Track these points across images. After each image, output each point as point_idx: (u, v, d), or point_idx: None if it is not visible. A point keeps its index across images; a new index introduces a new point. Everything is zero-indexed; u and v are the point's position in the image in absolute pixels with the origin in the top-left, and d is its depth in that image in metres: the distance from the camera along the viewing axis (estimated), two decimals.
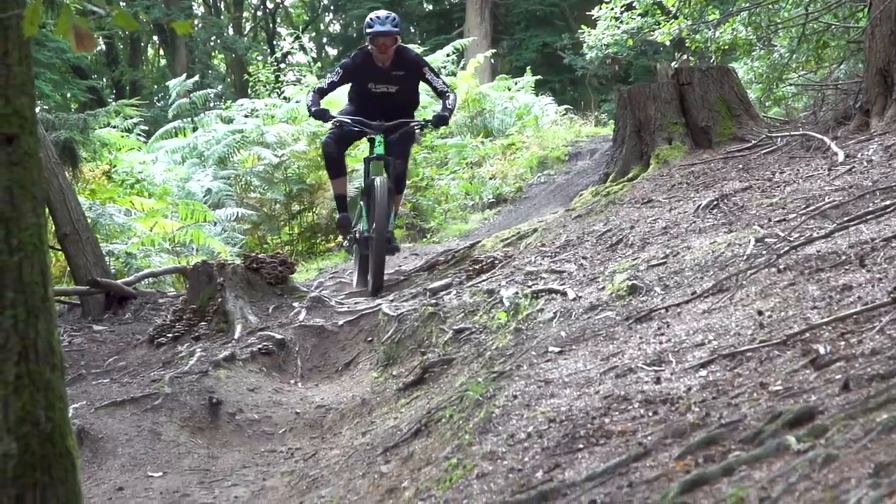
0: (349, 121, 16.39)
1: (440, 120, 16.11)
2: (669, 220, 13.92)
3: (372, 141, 16.60)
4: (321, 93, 16.16)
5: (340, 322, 14.90)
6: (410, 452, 9.83)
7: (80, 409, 12.85)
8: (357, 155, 24.90)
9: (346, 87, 17.20)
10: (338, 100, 21.60)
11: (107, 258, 20.54)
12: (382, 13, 16.01)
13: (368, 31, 16.16)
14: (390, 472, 9.73)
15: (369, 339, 14.47)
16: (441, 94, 16.38)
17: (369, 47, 16.34)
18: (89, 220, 19.68)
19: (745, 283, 10.20)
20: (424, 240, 25.56)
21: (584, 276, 13.00)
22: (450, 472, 8.55)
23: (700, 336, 9.17)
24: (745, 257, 11.12)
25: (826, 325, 8.23)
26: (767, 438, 6.69)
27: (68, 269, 19.31)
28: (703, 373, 8.33)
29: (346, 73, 16.56)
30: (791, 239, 10.97)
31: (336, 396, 13.26)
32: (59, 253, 18.67)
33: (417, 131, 16.73)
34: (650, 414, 7.93)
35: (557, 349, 10.33)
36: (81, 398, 13.47)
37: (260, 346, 14.42)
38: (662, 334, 9.60)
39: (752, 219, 12.60)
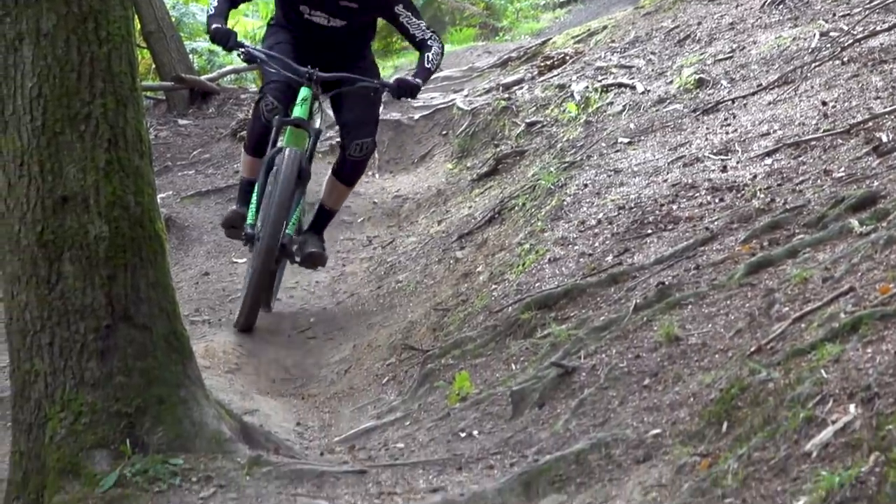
0: (264, 56, 9.56)
1: (406, 89, 9.43)
2: (736, 15, 13.70)
3: (289, 96, 9.56)
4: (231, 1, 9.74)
5: (416, 116, 14.88)
6: (484, 239, 9.89)
7: (167, 199, 12.99)
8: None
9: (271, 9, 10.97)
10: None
11: (190, 55, 20.51)
12: None
13: None
14: (465, 257, 9.81)
15: (444, 132, 14.46)
16: (419, 45, 9.66)
17: None
18: (173, 19, 19.66)
19: (809, 75, 10.07)
20: (497, 38, 25.32)
21: (652, 70, 12.87)
22: (522, 257, 8.60)
23: (765, 126, 9.09)
24: (809, 50, 10.96)
25: (888, 114, 8.13)
26: (831, 222, 6.68)
27: (153, 66, 19.35)
28: (769, 161, 8.28)
29: None
30: (855, 32, 10.79)
31: (412, 187, 13.30)
32: (145, 51, 18.65)
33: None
34: (717, 201, 7.91)
35: (626, 140, 10.29)
36: (168, 188, 13.59)
37: (338, 140, 14.42)
38: (729, 125, 9.52)
39: (817, 13, 12.39)
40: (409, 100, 10.54)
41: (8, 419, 6.48)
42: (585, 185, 9.23)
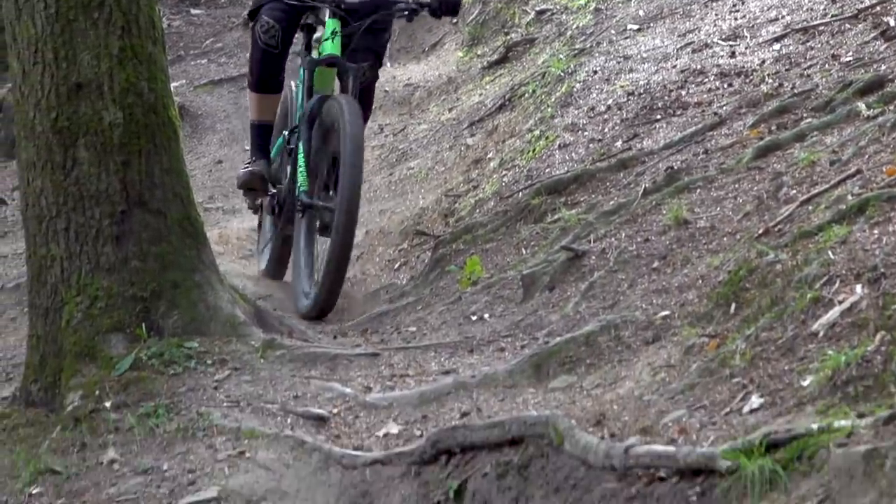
0: None
1: (448, 5, 7.73)
2: None
3: (311, 29, 8.04)
4: None
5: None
6: (495, 126, 9.83)
7: (180, 88, 12.90)
8: None
9: None
10: None
11: None
12: None
13: None
14: (476, 144, 9.76)
15: (454, 20, 14.31)
16: None
17: None
18: None
19: None
20: None
21: None
22: (533, 143, 8.55)
23: (774, 12, 8.97)
24: None
25: None
26: (838, 106, 6.63)
27: None
28: (777, 46, 8.19)
29: None
30: None
31: (423, 75, 13.20)
32: None
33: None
34: (725, 86, 7.85)
35: (636, 27, 10.18)
36: (181, 77, 13.50)
37: None
38: (737, 10, 9.40)
39: None
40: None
41: (24, 304, 6.50)
42: (595, 72, 9.14)
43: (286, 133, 7.82)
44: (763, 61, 7.97)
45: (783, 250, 5.15)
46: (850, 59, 7.33)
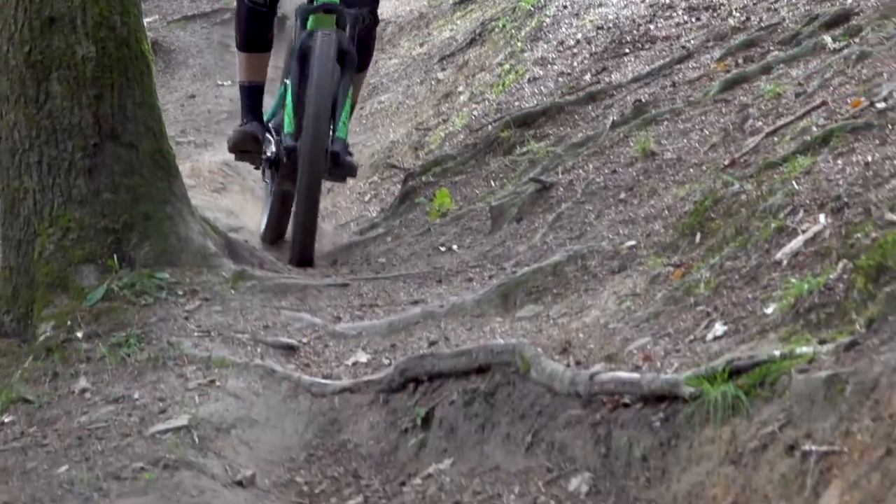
0: None
1: None
2: None
3: None
4: None
5: None
6: (465, 60, 9.78)
7: (154, 24, 12.79)
8: None
9: None
10: None
11: None
12: None
13: None
14: (446, 78, 9.71)
15: None
16: None
17: None
18: None
19: None
20: None
21: None
22: (502, 77, 8.51)
23: None
24: None
25: None
26: (804, 39, 6.60)
27: None
28: None
29: None
30: None
31: (394, 10, 13.11)
32: None
33: None
34: (693, 20, 7.81)
35: None
36: (154, 12, 13.37)
37: None
38: None
39: None
40: None
41: None
42: (565, 7, 9.09)
43: (287, 81, 7.21)
44: None
45: (748, 181, 5.13)
46: None
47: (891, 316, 3.82)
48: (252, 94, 7.51)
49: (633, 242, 5.37)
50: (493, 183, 6.89)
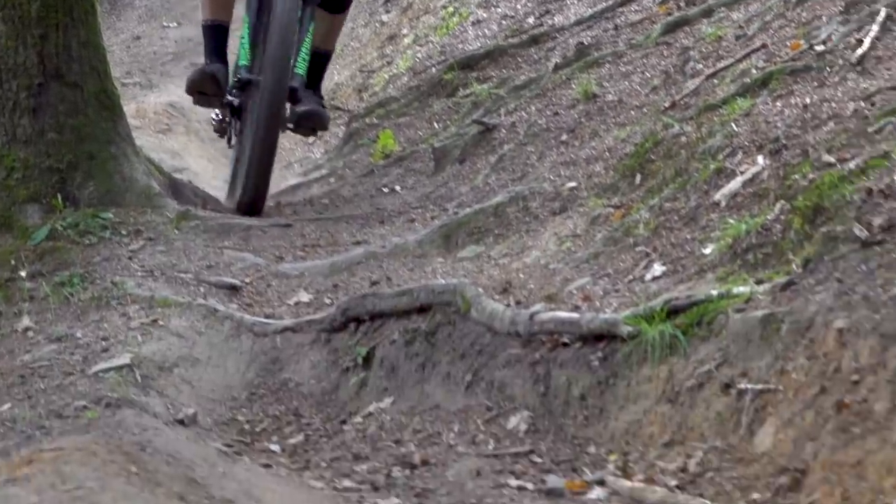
0: None
1: None
2: None
3: None
4: None
5: None
6: (409, 3, 9.69)
7: None
8: None
9: None
10: None
11: None
12: None
13: None
14: (390, 21, 9.62)
15: None
16: None
17: None
18: None
19: None
20: None
21: None
22: (446, 20, 8.44)
23: None
24: None
25: None
26: None
27: None
28: None
29: None
30: None
31: None
32: None
33: None
34: None
35: None
36: None
37: None
38: None
39: None
40: None
41: None
42: None
43: (246, 16, 6.52)
44: None
45: (688, 123, 5.11)
46: None
47: (826, 256, 3.82)
48: (215, 35, 6.67)
49: (574, 184, 5.34)
50: (436, 125, 6.84)
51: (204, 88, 6.57)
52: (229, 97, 6.53)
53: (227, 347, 4.96)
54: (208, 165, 7.97)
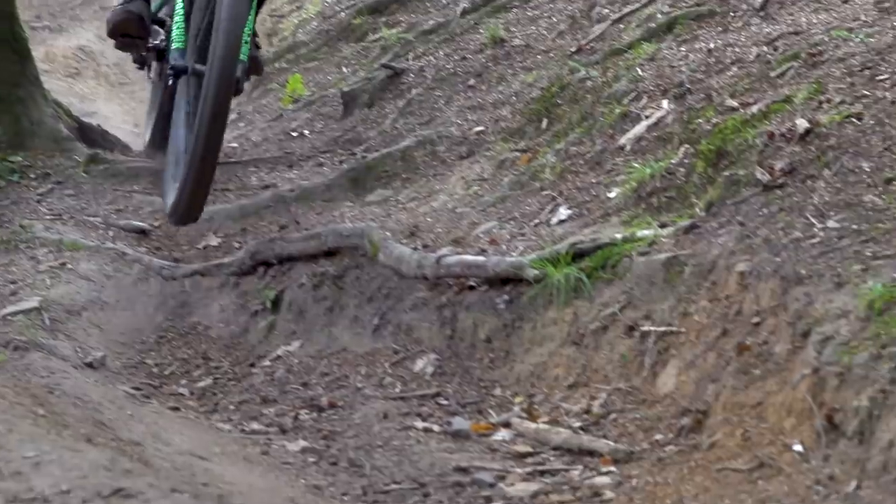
0: None
1: None
2: None
3: None
4: None
5: None
6: None
7: None
8: None
9: None
10: None
11: None
12: None
13: None
14: None
15: None
16: None
17: None
18: None
19: None
20: None
21: None
22: None
23: None
24: None
25: None
26: None
27: None
28: None
29: None
30: None
31: None
32: None
33: None
34: None
35: None
36: None
37: None
38: None
39: None
40: None
41: None
42: None
43: None
44: None
45: (594, 67, 5.06)
46: None
47: (729, 200, 3.82)
48: None
49: (481, 128, 5.29)
50: (345, 69, 6.74)
51: (129, 30, 5.76)
52: (154, 42, 5.76)
53: (136, 291, 4.88)
54: (118, 109, 7.83)
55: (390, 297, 4.29)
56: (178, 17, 5.39)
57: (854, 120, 3.77)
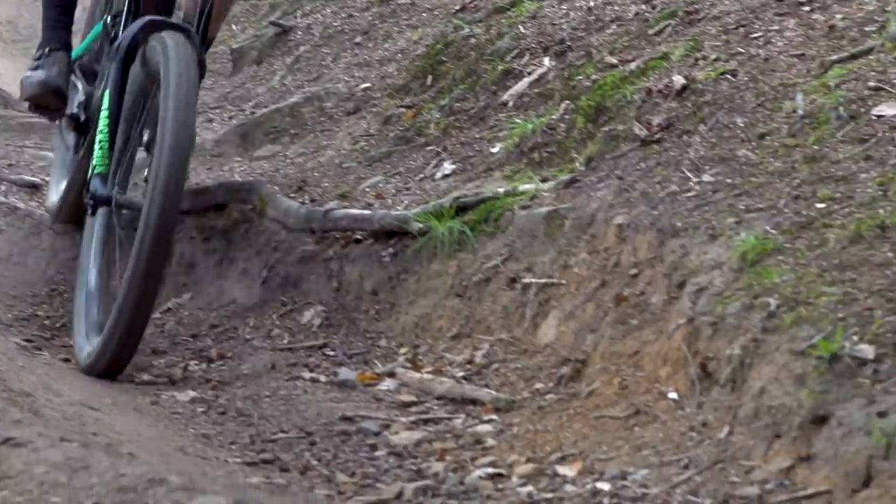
0: None
1: None
2: None
3: None
4: None
5: None
6: None
7: None
8: None
9: None
10: None
11: None
12: None
13: None
14: None
15: None
16: None
17: None
18: None
19: None
20: None
21: None
22: None
23: None
24: None
25: None
26: None
27: None
28: None
29: None
30: None
31: None
32: None
33: None
34: None
35: None
36: None
37: None
38: None
39: None
40: None
41: None
42: None
43: (108, 18, 4.63)
44: None
45: (478, 25, 5.01)
46: None
47: (608, 154, 3.81)
48: (61, 8, 4.79)
49: (367, 85, 5.23)
50: (234, 26, 6.64)
51: (45, 103, 4.70)
52: (74, 111, 4.80)
53: (28, 245, 4.79)
54: (10, 66, 7.64)
55: (278, 250, 4.25)
56: (102, 136, 4.26)
57: (729, 76, 3.77)
